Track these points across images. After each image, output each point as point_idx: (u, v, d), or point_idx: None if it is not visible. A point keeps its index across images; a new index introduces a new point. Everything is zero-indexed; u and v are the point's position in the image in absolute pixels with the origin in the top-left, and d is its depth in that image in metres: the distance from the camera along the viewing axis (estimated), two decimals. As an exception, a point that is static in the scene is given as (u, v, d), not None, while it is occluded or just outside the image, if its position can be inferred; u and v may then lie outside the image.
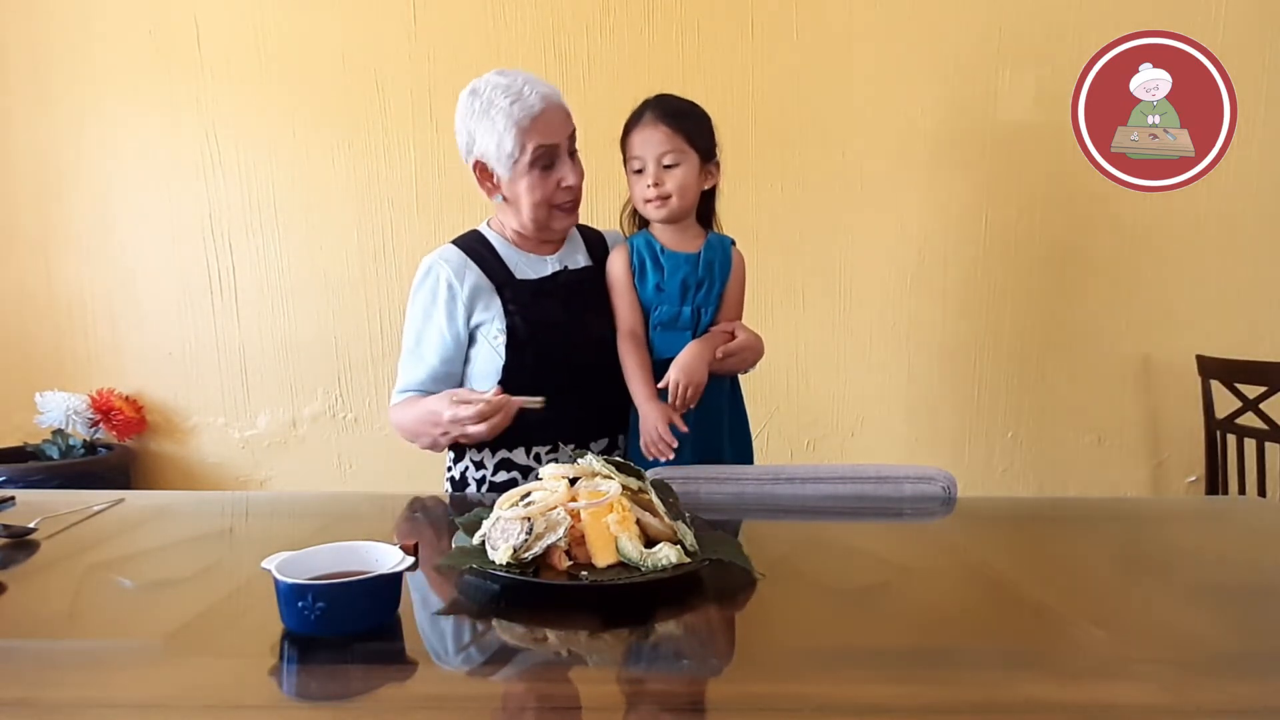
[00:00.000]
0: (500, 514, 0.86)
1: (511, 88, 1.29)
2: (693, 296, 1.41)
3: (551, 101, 1.32)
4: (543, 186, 1.33)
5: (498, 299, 1.37)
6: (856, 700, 0.64)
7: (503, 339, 1.35)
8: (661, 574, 0.80)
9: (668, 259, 1.40)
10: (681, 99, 1.42)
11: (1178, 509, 1.56)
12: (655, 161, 1.36)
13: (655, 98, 1.41)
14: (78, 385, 2.36)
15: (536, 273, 1.41)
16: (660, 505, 0.89)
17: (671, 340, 1.40)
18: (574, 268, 1.45)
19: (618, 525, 0.84)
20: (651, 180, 1.36)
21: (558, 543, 0.82)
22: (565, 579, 0.81)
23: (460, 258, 1.39)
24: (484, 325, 1.37)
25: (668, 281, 1.40)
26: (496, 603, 0.82)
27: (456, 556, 0.86)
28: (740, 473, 1.23)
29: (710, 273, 1.41)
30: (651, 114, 1.37)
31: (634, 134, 1.38)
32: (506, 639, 0.77)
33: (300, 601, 0.70)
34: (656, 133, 1.35)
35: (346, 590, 0.72)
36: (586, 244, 1.51)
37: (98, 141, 2.34)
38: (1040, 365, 2.37)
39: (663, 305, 1.41)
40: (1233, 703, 0.63)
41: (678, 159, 1.36)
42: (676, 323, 1.40)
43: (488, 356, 1.37)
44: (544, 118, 1.30)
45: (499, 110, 1.29)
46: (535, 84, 1.32)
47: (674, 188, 1.36)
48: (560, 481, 0.88)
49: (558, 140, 1.32)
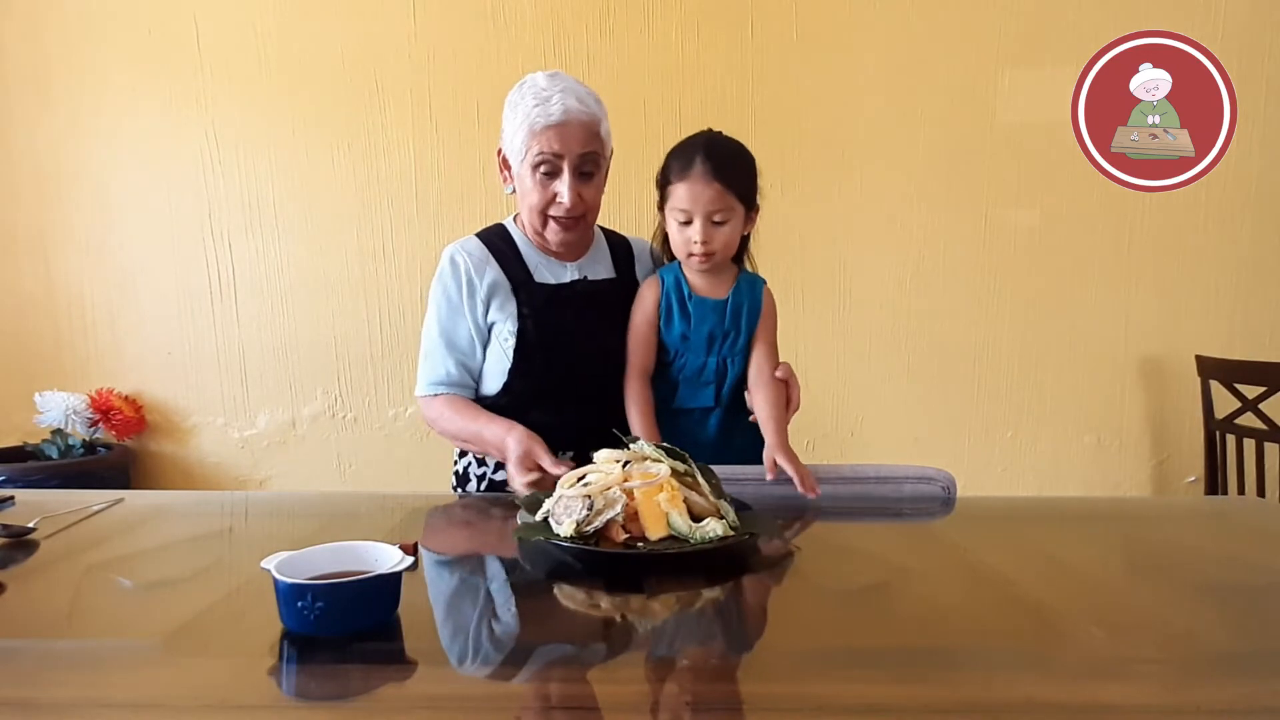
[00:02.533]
0: (563, 492, 0.96)
1: (544, 92, 1.29)
2: (719, 348, 1.36)
3: (576, 117, 1.29)
4: (540, 192, 1.33)
5: (513, 300, 1.37)
6: (856, 700, 0.64)
7: (512, 342, 1.35)
8: (709, 545, 0.90)
9: (695, 305, 1.35)
10: (730, 143, 1.34)
11: (1177, 509, 1.56)
12: (704, 219, 1.29)
13: (706, 144, 1.31)
14: (77, 385, 2.36)
15: (555, 278, 1.40)
16: (705, 485, 0.99)
17: (694, 394, 1.36)
18: (594, 278, 1.43)
19: (668, 502, 0.93)
20: (700, 238, 1.29)
21: (615, 518, 0.91)
22: (623, 549, 0.90)
23: (482, 252, 1.39)
24: (497, 325, 1.37)
25: (694, 331, 1.35)
26: (557, 572, 0.91)
27: (526, 529, 0.95)
28: (740, 473, 1.23)
29: (737, 322, 1.36)
30: (704, 168, 1.28)
31: (683, 184, 1.30)
32: (567, 604, 0.86)
33: (299, 601, 0.70)
34: (709, 190, 1.28)
35: (345, 590, 0.72)
36: (612, 252, 1.49)
37: (98, 141, 2.34)
38: (1040, 365, 2.38)
39: (688, 355, 1.36)
40: (1233, 703, 0.63)
41: (727, 216, 1.30)
42: (701, 376, 1.36)
43: (497, 357, 1.38)
44: (559, 129, 1.28)
45: (523, 108, 1.30)
46: (570, 95, 1.29)
47: (719, 245, 1.31)
48: (614, 465, 0.98)
49: (564, 153, 1.30)
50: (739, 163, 1.33)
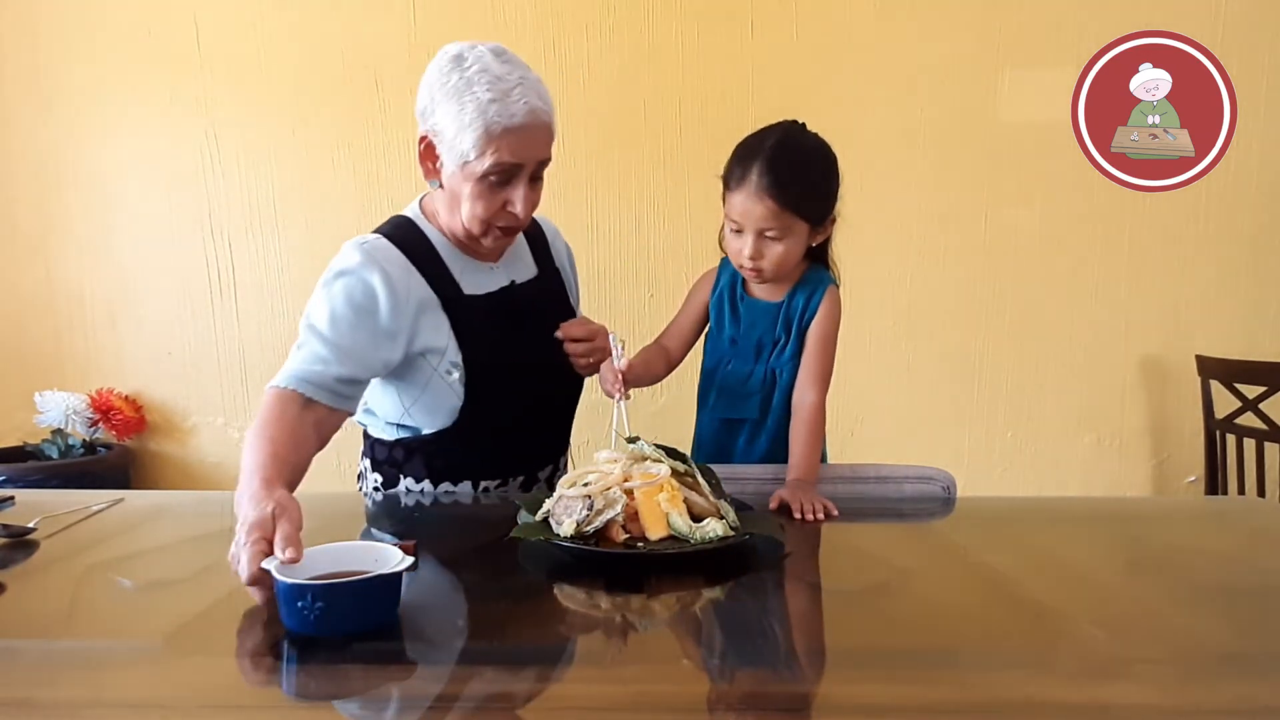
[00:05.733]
0: (563, 493, 0.95)
1: (500, 83, 1.07)
2: (768, 357, 1.27)
3: (538, 118, 1.10)
4: (486, 202, 1.12)
5: (446, 319, 1.17)
6: (856, 700, 0.64)
7: (459, 375, 1.17)
8: (709, 545, 0.89)
9: (747, 308, 1.28)
10: (800, 149, 1.20)
11: (1177, 509, 1.56)
12: (756, 234, 1.19)
13: (771, 150, 1.17)
14: (77, 385, 2.36)
15: (483, 287, 1.23)
16: (705, 485, 0.98)
17: (736, 404, 1.28)
18: (521, 280, 1.28)
19: (668, 503, 0.93)
20: (750, 252, 1.20)
21: (615, 518, 0.91)
22: (623, 549, 0.90)
23: (402, 262, 1.17)
24: (431, 354, 1.18)
25: (744, 336, 1.28)
26: (557, 572, 0.91)
27: (526, 529, 0.94)
28: (740, 472, 1.23)
29: (789, 330, 1.26)
30: (760, 182, 1.16)
31: (736, 194, 1.19)
32: (567, 604, 0.86)
33: (300, 601, 0.70)
34: (760, 206, 1.16)
35: (345, 590, 0.71)
36: (530, 244, 1.34)
37: (98, 141, 2.34)
38: (1040, 365, 2.37)
39: (735, 362, 1.28)
40: (1233, 703, 0.63)
41: (782, 234, 1.19)
42: (746, 384, 1.28)
43: (440, 392, 1.19)
44: (521, 133, 1.08)
45: (474, 100, 1.06)
46: (530, 90, 1.09)
47: (770, 263, 1.20)
48: (614, 465, 0.97)
49: (524, 161, 1.11)
50: (804, 176, 1.19)
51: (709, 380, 1.35)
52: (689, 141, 2.27)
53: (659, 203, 2.32)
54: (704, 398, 1.36)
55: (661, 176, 2.30)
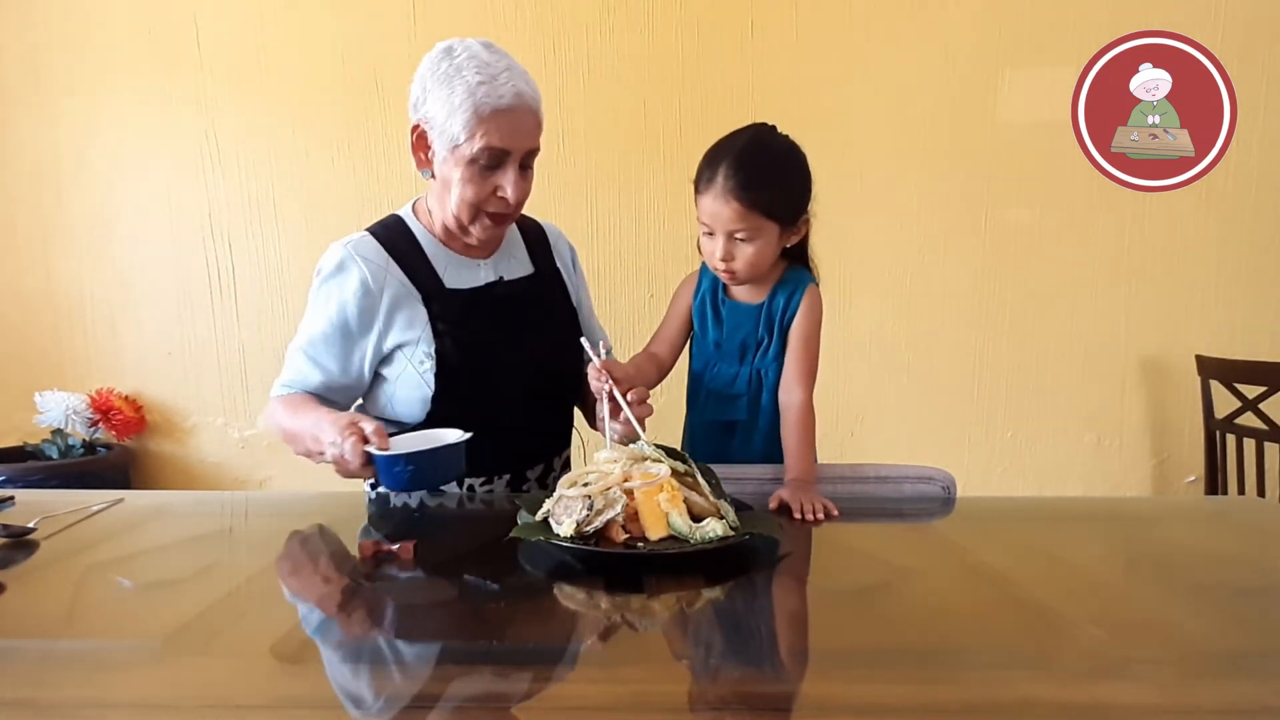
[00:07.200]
0: (563, 493, 0.96)
1: (489, 68, 1.11)
2: (752, 358, 1.28)
3: (525, 103, 1.13)
4: (477, 187, 1.15)
5: (424, 312, 1.20)
6: (856, 700, 0.64)
7: (430, 365, 1.20)
8: (709, 545, 0.89)
9: (729, 311, 1.28)
10: (768, 152, 1.21)
11: (1177, 509, 1.56)
12: (725, 235, 1.19)
13: (739, 153, 1.18)
14: (77, 385, 2.36)
15: (468, 282, 1.24)
16: (705, 485, 0.98)
17: (724, 406, 1.29)
18: (511, 278, 1.29)
19: (668, 503, 0.93)
20: (721, 254, 1.21)
21: (615, 518, 0.91)
22: (623, 549, 0.90)
23: (381, 257, 1.21)
24: (407, 346, 1.21)
25: (727, 339, 1.28)
26: (557, 572, 0.91)
27: (526, 529, 0.94)
28: (740, 472, 1.23)
29: (770, 330, 1.27)
30: (726, 184, 1.16)
31: (704, 197, 1.19)
32: (567, 604, 0.86)
33: (396, 467, 1.00)
34: (727, 209, 1.17)
35: (427, 455, 1.02)
36: (526, 243, 1.35)
37: (98, 141, 2.34)
38: (1040, 365, 2.38)
39: (720, 365, 1.29)
40: (1233, 703, 0.63)
41: (751, 235, 1.19)
42: (732, 386, 1.29)
43: (412, 384, 1.21)
44: (509, 116, 1.11)
45: (463, 83, 1.10)
46: (517, 78, 1.13)
47: (742, 264, 1.21)
48: (614, 465, 0.98)
49: (513, 148, 1.14)
50: (771, 177, 1.19)
51: (697, 383, 1.35)
52: (689, 141, 2.27)
53: (659, 203, 2.32)
54: (693, 401, 1.36)
55: (661, 176, 2.30)
